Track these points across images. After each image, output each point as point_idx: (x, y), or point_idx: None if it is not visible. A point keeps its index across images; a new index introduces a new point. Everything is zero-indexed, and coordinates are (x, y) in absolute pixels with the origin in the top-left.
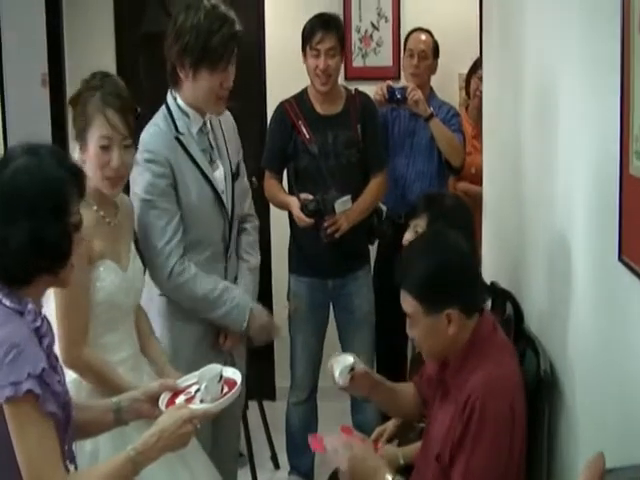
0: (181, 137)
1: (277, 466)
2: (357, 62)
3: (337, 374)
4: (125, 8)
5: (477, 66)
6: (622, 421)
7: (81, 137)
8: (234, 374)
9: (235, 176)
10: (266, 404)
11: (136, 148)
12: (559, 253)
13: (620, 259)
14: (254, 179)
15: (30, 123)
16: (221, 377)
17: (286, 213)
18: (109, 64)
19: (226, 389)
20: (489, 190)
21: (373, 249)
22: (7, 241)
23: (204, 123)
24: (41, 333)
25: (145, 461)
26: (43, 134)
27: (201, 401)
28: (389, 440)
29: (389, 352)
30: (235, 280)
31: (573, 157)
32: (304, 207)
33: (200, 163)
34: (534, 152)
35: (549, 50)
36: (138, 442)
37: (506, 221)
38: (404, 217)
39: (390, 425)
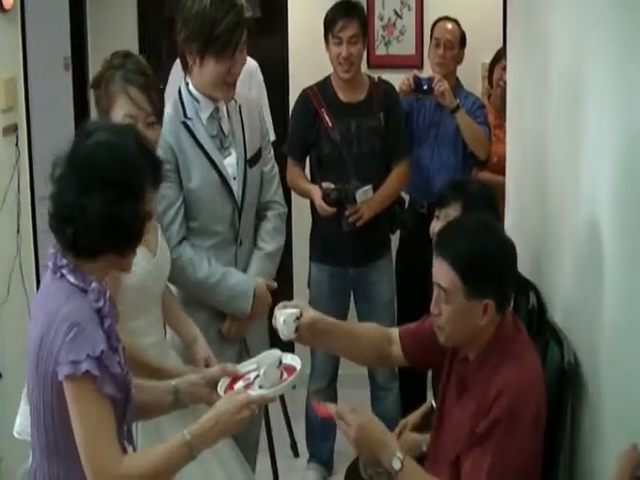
0: (188, 122)
1: (297, 454)
2: (380, 50)
3: (281, 323)
4: None
5: (500, 55)
6: None
7: (105, 118)
8: (293, 360)
9: (251, 163)
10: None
11: (161, 125)
12: (585, 243)
13: None
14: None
15: (53, 107)
16: (280, 363)
17: (307, 200)
18: (132, 48)
19: (285, 375)
20: (512, 179)
21: (395, 239)
22: (84, 209)
23: (216, 109)
24: (103, 313)
25: (201, 445)
26: (66, 117)
27: (260, 387)
28: (413, 429)
29: None
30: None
31: (599, 145)
32: (326, 196)
33: (207, 148)
34: (559, 142)
35: (576, 40)
36: (194, 426)
37: (529, 210)
38: (427, 207)
39: (414, 416)
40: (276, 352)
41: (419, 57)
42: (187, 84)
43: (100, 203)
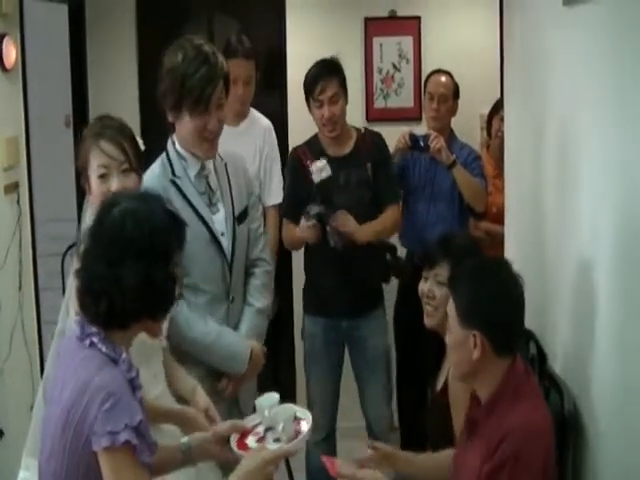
0: (177, 180)
1: None
2: (378, 103)
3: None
4: (149, 49)
5: (498, 107)
6: None
7: (85, 178)
8: (304, 414)
9: (239, 219)
10: None
11: (139, 174)
12: (584, 293)
13: None
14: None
15: (54, 164)
16: (295, 417)
17: None
18: (132, 105)
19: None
20: (511, 230)
21: (393, 291)
22: (119, 280)
23: (202, 166)
24: (135, 384)
25: None
26: (67, 174)
27: (275, 440)
28: None
29: (409, 401)
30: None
31: (597, 196)
32: (306, 214)
33: (196, 205)
34: (556, 192)
35: (573, 93)
36: None
37: (528, 260)
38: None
39: None
40: (292, 407)
41: (417, 110)
42: (174, 143)
43: (134, 272)
